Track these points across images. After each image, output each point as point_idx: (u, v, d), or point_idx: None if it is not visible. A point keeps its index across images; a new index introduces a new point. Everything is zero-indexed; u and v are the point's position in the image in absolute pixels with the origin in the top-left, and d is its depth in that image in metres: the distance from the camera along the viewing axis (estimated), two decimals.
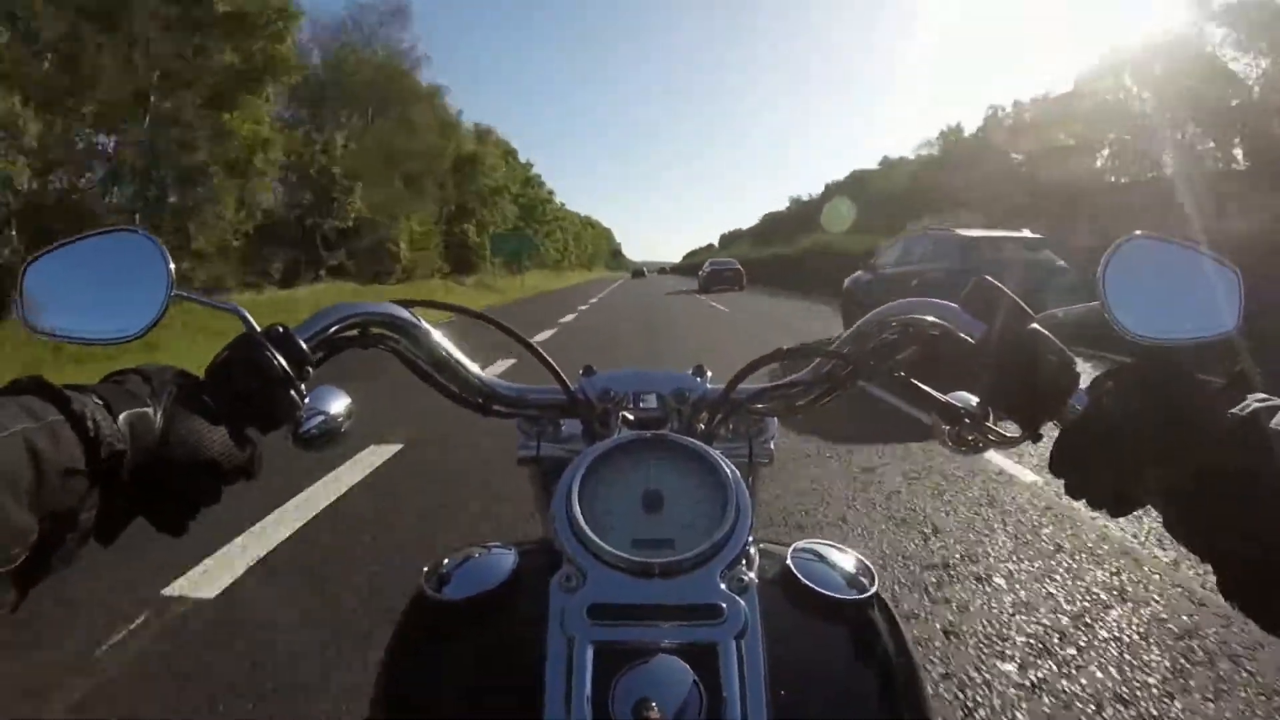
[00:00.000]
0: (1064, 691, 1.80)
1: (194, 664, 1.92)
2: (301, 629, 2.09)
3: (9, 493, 0.33)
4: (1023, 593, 2.33)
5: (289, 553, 2.63)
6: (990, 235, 8.20)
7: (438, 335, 0.58)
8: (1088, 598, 2.31)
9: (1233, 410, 0.39)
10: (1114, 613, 2.20)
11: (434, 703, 0.45)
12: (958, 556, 2.61)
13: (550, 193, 56.65)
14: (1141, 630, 2.09)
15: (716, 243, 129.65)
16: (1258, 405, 0.39)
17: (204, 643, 2.02)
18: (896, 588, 2.35)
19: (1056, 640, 2.04)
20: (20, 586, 0.35)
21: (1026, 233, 8.29)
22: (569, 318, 15.00)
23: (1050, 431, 0.47)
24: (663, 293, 27.63)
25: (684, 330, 12.33)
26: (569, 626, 0.40)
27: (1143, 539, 2.72)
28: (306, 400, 0.49)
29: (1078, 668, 1.90)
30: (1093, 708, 1.74)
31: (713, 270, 30.30)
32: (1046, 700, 1.76)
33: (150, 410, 0.41)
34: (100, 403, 0.39)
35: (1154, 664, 1.92)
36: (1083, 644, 2.02)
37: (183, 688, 1.83)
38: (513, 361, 4.47)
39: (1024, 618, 2.17)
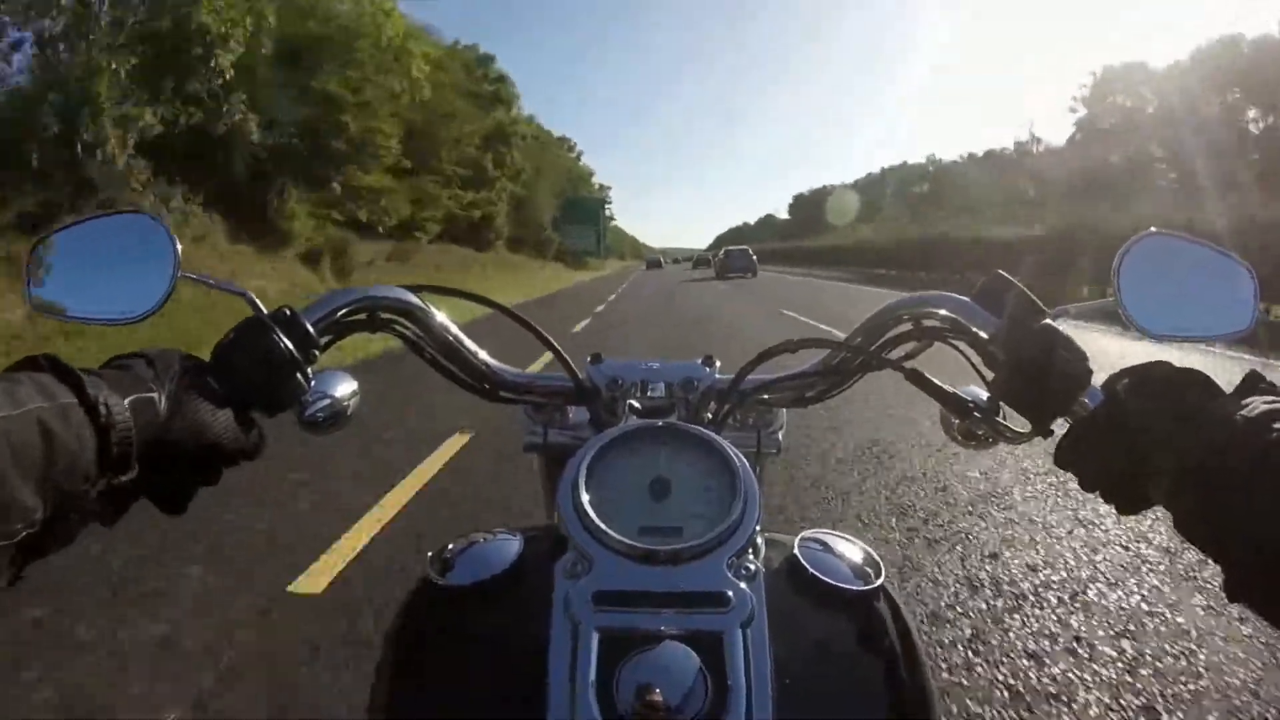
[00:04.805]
0: None
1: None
2: None
3: (18, 470, 0.33)
4: None
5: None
6: (733, 247, 37.09)
7: (446, 321, 0.58)
8: None
9: (1240, 411, 0.39)
10: None
11: (437, 687, 0.45)
12: None
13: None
14: None
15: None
16: (1265, 406, 0.39)
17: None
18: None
19: None
20: (18, 562, 0.35)
21: (746, 247, 37.09)
22: None
23: (1060, 428, 0.47)
24: None
25: None
26: (574, 612, 0.40)
27: None
28: (312, 383, 0.49)
29: None
30: None
31: (700, 258, 52.30)
32: None
33: (155, 396, 0.41)
34: (108, 386, 0.39)
35: None
36: None
37: None
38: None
39: None
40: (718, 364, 0.61)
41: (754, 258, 32.58)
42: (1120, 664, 1.88)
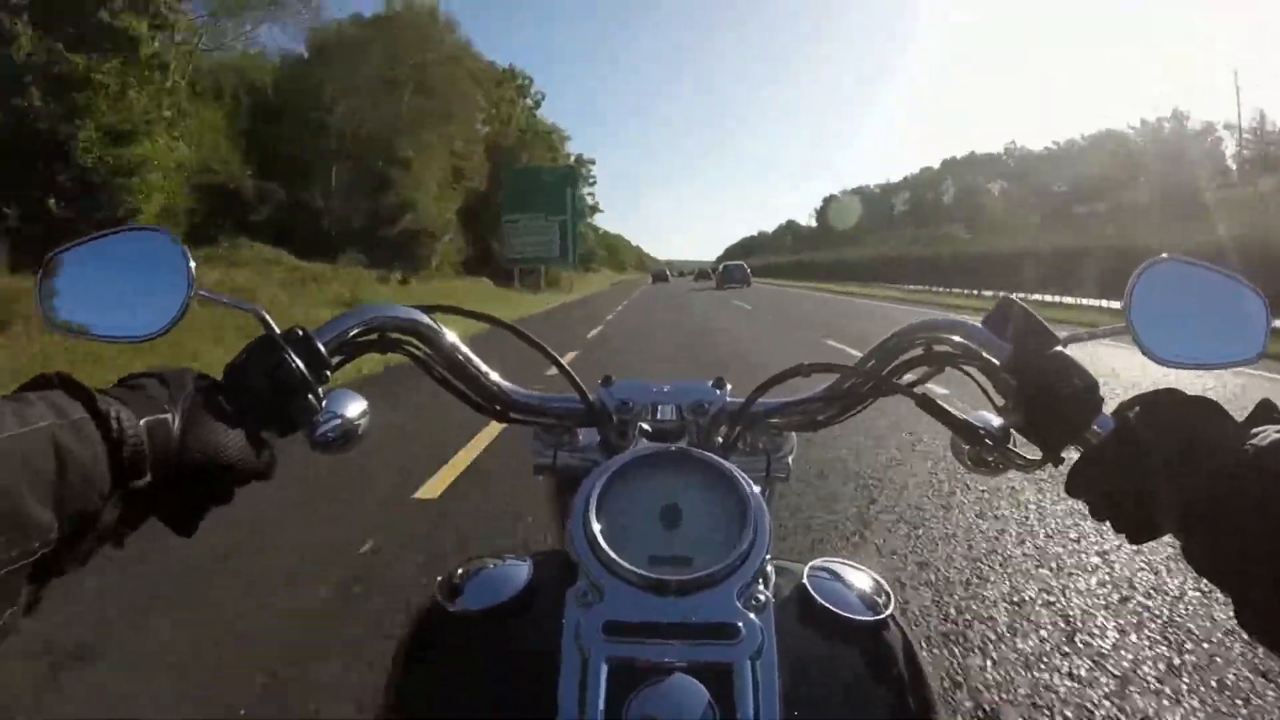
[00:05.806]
0: None
1: None
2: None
3: (31, 488, 0.33)
4: None
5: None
6: (731, 262, 46.38)
7: (458, 342, 0.58)
8: None
9: (1251, 440, 0.39)
10: None
11: (445, 714, 0.44)
12: None
13: None
14: None
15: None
16: (1277, 434, 0.39)
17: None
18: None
19: None
20: (37, 583, 0.35)
21: (742, 262, 48.97)
22: None
23: (1071, 455, 0.47)
24: None
25: None
26: (584, 642, 0.39)
27: None
28: (324, 403, 0.49)
29: None
30: None
31: (701, 271, 61.56)
32: None
33: (169, 416, 0.41)
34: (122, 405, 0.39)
35: None
36: None
37: None
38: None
39: None
40: (728, 386, 0.60)
41: (748, 271, 41.72)
42: None
